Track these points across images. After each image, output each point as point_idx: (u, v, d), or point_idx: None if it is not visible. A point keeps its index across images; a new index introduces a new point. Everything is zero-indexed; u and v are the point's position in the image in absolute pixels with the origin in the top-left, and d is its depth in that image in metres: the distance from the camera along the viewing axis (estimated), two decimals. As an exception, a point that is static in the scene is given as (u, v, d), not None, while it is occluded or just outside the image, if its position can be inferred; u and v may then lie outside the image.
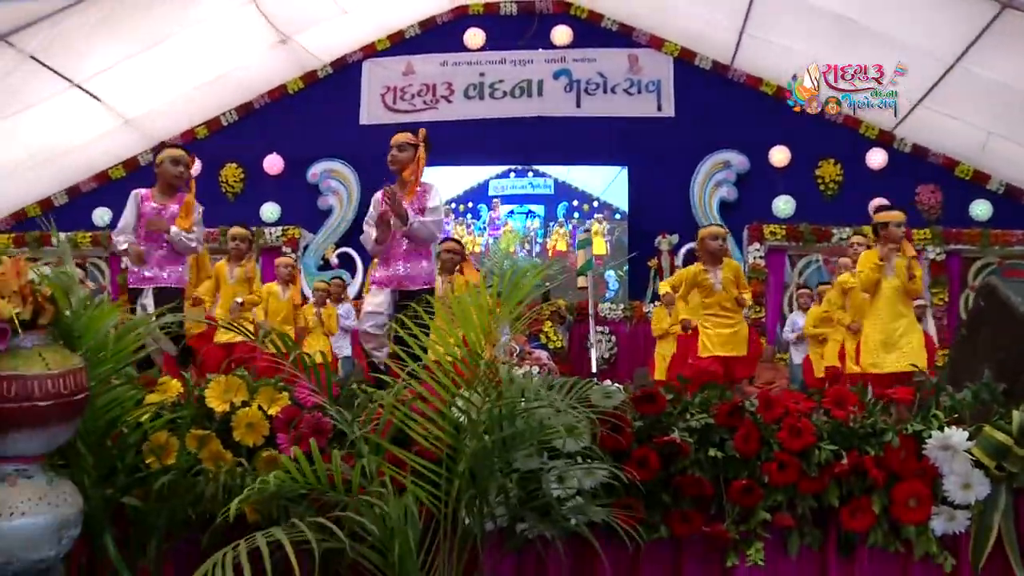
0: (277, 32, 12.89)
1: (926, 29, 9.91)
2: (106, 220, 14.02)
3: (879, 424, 2.71)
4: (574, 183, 13.76)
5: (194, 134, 14.33)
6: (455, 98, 14.39)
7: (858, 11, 10.56)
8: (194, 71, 12.83)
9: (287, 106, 14.43)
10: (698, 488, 2.60)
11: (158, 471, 2.53)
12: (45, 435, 2.16)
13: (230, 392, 2.69)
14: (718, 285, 6.89)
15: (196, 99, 13.67)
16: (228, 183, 14.30)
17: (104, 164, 14.26)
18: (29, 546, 2.11)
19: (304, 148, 14.01)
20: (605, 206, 13.60)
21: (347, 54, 14.43)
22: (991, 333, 3.24)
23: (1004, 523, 2.64)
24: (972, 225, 12.48)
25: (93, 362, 2.30)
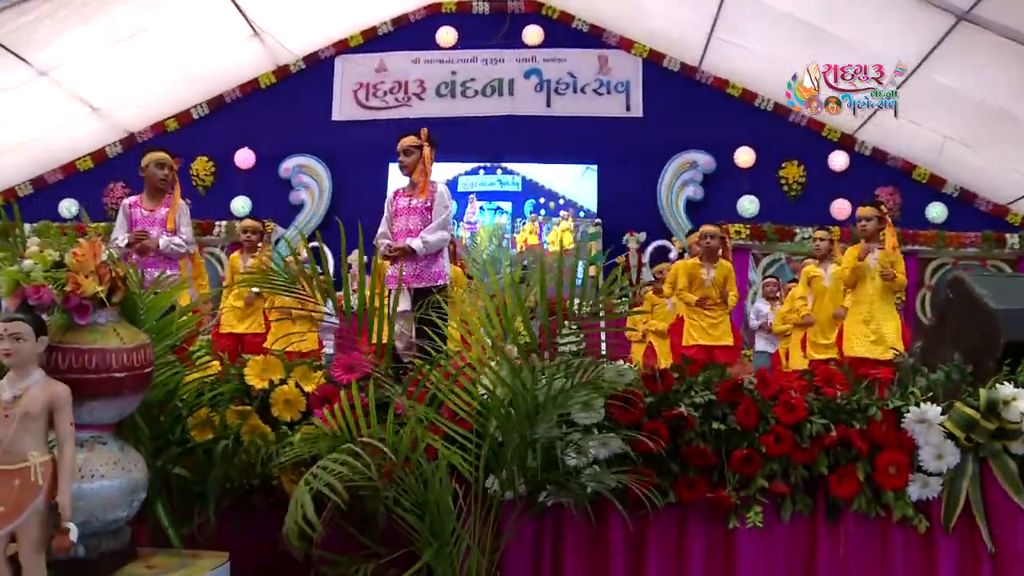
0: (250, 26, 12.87)
1: (888, 37, 10.23)
2: (72, 212, 14.00)
3: (863, 400, 3.00)
4: (541, 181, 13.99)
5: (164, 127, 14.28)
6: (427, 96, 14.50)
7: (823, 18, 10.87)
8: (165, 63, 12.73)
9: (259, 100, 14.42)
10: (703, 458, 2.86)
11: (203, 443, 2.72)
12: (119, 405, 2.34)
13: (268, 370, 2.89)
14: (708, 282, 7.27)
15: (167, 91, 13.59)
16: (199, 177, 14.24)
17: (71, 155, 14.15)
18: (106, 507, 2.29)
19: (276, 143, 14.02)
20: (571, 204, 13.85)
21: (319, 49, 14.45)
22: (958, 321, 3.53)
23: (971, 488, 2.92)
24: (928, 227, 12.87)
25: (153, 339, 2.49)
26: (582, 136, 13.86)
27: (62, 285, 2.15)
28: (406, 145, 5.34)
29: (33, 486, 2.07)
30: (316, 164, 14.14)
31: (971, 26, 9.68)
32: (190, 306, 2.76)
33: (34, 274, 2.12)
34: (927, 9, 9.84)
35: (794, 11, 11.10)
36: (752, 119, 13.57)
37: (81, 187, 14.24)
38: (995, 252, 12.78)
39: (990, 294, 3.37)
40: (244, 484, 2.76)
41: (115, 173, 14.34)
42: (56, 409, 2.11)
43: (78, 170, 14.30)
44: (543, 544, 2.91)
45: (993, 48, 9.73)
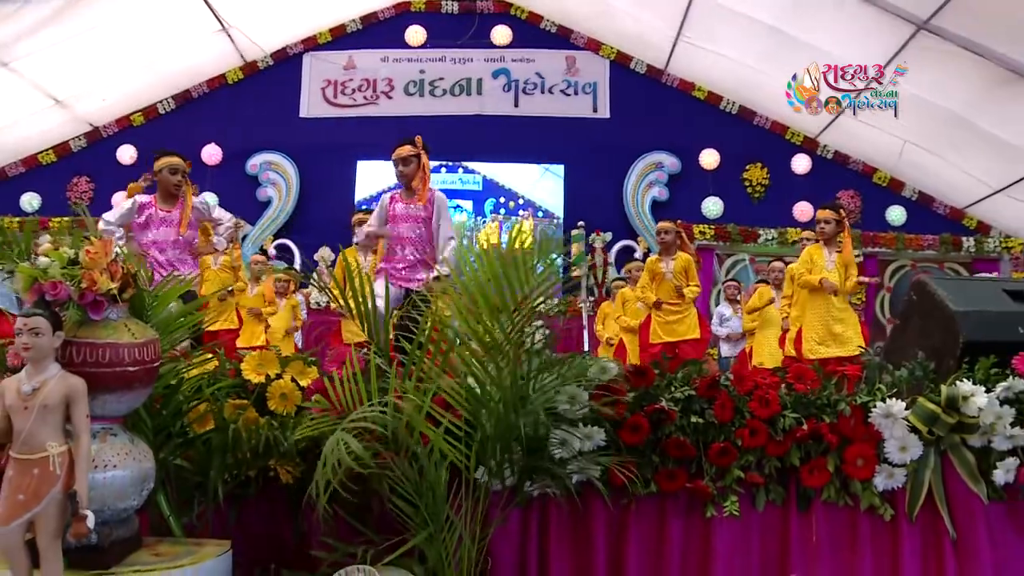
0: (218, 20, 12.85)
1: (850, 44, 10.45)
2: (35, 206, 13.91)
3: (833, 396, 3.16)
4: (501, 181, 14.15)
5: (130, 121, 14.23)
6: (395, 94, 14.56)
7: (788, 23, 11.08)
8: (131, 56, 12.66)
9: (226, 96, 14.39)
10: (682, 450, 3.00)
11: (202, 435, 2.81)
12: (129, 398, 2.42)
13: (264, 365, 2.99)
14: (669, 275, 7.47)
15: (132, 85, 13.53)
16: (164, 172, 14.19)
17: (33, 148, 14.01)
18: (118, 496, 2.37)
19: (243, 139, 14.00)
20: (530, 203, 14.01)
21: (288, 46, 14.45)
22: (921, 322, 3.71)
23: (934, 479, 3.09)
24: (888, 229, 13.21)
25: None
26: (549, 136, 14.00)
27: (78, 282, 2.23)
28: (404, 155, 5.33)
29: (51, 475, 2.15)
30: (284, 161, 14.15)
31: (930, 35, 9.96)
32: (195, 303, 2.85)
33: (51, 271, 2.20)
34: (888, 18, 10.10)
35: (760, 16, 11.32)
36: (717, 122, 13.81)
37: (43, 181, 14.13)
38: (952, 254, 13.16)
39: (951, 296, 3.55)
40: (241, 475, 2.85)
41: (78, 167, 14.28)
42: (73, 401, 2.19)
43: (40, 163, 14.16)
44: (529, 532, 3.03)
45: (951, 57, 10.01)
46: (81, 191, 14.18)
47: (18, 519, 2.13)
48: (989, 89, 10.26)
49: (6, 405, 2.18)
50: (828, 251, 6.74)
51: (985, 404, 3.09)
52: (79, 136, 14.19)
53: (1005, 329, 3.47)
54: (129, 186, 6.00)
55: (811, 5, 10.66)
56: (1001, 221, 13.10)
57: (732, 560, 3.04)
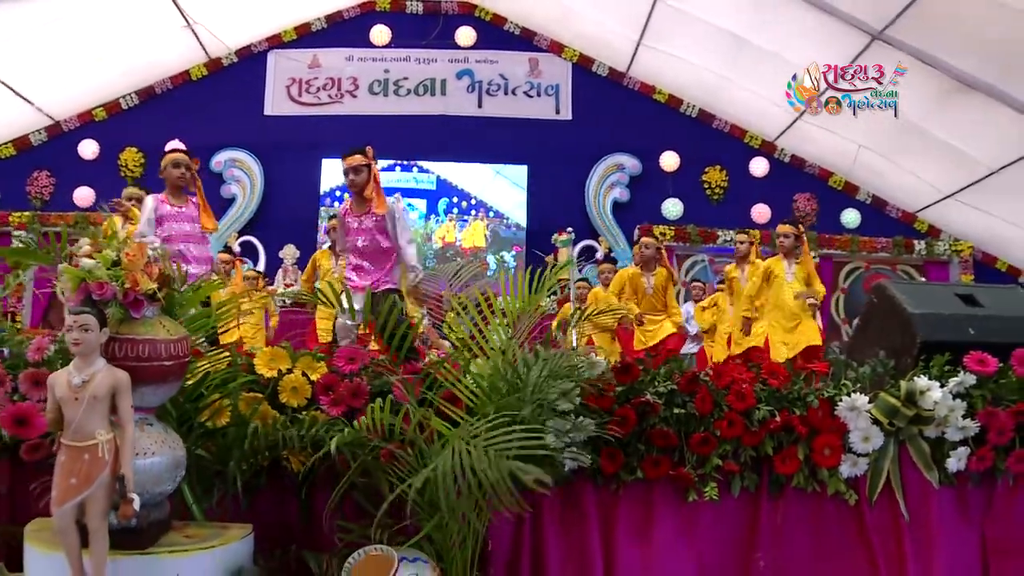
0: (183, 16, 12.86)
1: (807, 51, 10.75)
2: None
3: (803, 390, 3.42)
4: (455, 181, 14.38)
5: (92, 116, 14.22)
6: (360, 93, 14.71)
7: (747, 30, 11.47)
8: (94, 50, 12.64)
9: (190, 92, 14.42)
10: (666, 440, 3.24)
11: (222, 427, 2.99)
12: (164, 390, 2.60)
13: (276, 361, 3.17)
14: (650, 289, 7.79)
15: (95, 79, 13.51)
16: (127, 167, 14.19)
17: (-8, 141, 13.79)
18: (156, 481, 2.55)
19: (207, 136, 13.76)
20: (482, 204, 14.26)
21: (253, 43, 14.53)
22: (881, 323, 3.99)
23: (892, 467, 3.36)
24: (843, 232, 13.65)
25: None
26: (512, 137, 14.26)
27: (121, 282, 2.41)
28: (355, 164, 5.38)
29: (100, 461, 2.32)
30: (248, 158, 14.23)
31: (885, 45, 10.37)
32: (224, 302, 3.03)
33: (97, 272, 2.38)
34: (844, 28, 10.52)
35: (719, 23, 11.68)
36: (677, 124, 14.15)
37: (2, 174, 13.96)
38: (904, 257, 13.64)
39: (908, 299, 3.84)
40: (256, 465, 3.03)
41: (39, 161, 14.18)
42: (119, 393, 2.36)
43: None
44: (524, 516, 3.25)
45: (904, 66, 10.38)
46: (41, 185, 14.12)
47: (70, 501, 2.30)
48: (940, 98, 10.69)
49: (57, 396, 2.35)
50: (788, 263, 7.19)
51: (940, 398, 3.37)
52: (39, 130, 14.12)
53: (957, 330, 3.76)
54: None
55: (771, 14, 10.98)
56: (951, 225, 13.57)
57: (711, 541, 3.30)
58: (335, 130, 14.05)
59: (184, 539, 2.65)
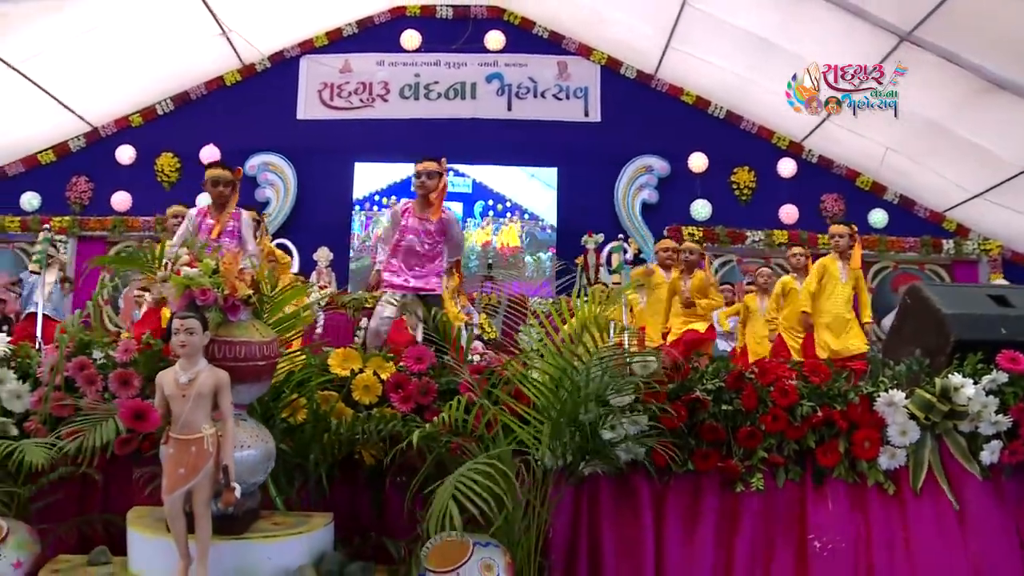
0: (218, 24, 13.10)
1: (835, 53, 10.66)
2: (35, 205, 14.08)
3: (843, 387, 3.62)
4: (490, 184, 14.49)
5: (128, 122, 14.43)
6: (391, 97, 14.82)
7: (774, 33, 11.52)
8: (131, 57, 12.88)
9: (224, 98, 14.60)
10: (714, 434, 3.46)
11: (301, 423, 3.22)
12: (256, 388, 2.83)
13: (348, 361, 3.39)
14: (686, 292, 7.98)
15: (132, 86, 13.77)
16: (164, 172, 14.41)
17: (33, 147, 14.16)
18: (251, 472, 2.78)
19: (241, 140, 14.17)
20: (517, 207, 14.37)
21: (285, 49, 14.69)
22: (916, 323, 4.17)
23: (933, 459, 3.55)
24: (871, 232, 13.57)
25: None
26: (542, 140, 14.33)
27: (221, 288, 2.63)
28: (429, 169, 5.59)
29: (206, 452, 2.55)
30: (281, 162, 14.37)
31: (913, 47, 10.44)
32: (307, 306, 3.26)
33: (200, 279, 2.60)
34: (873, 29, 10.57)
35: (747, 25, 11.74)
36: (705, 126, 14.20)
37: (43, 180, 14.27)
38: (932, 256, 13.64)
39: (942, 300, 4.02)
40: (332, 458, 3.26)
41: (78, 167, 14.41)
42: (220, 391, 2.59)
43: (40, 163, 14.31)
44: (581, 506, 3.47)
45: (932, 67, 10.47)
46: (80, 190, 14.34)
47: (179, 489, 2.53)
48: (968, 98, 10.73)
49: (166, 394, 2.58)
50: (841, 264, 7.38)
51: (973, 394, 3.56)
52: (78, 136, 14.34)
53: (989, 329, 3.94)
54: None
55: (798, 16, 11.04)
56: (980, 224, 13.55)
57: (757, 528, 3.50)
58: (367, 134, 14.27)
59: (272, 526, 2.88)
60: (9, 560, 2.83)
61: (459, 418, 3.05)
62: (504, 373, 3.29)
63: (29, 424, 3.43)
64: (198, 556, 2.56)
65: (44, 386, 3.45)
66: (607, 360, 3.19)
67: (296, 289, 3.23)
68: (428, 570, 2.79)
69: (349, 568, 2.85)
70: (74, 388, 3.49)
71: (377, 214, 14.27)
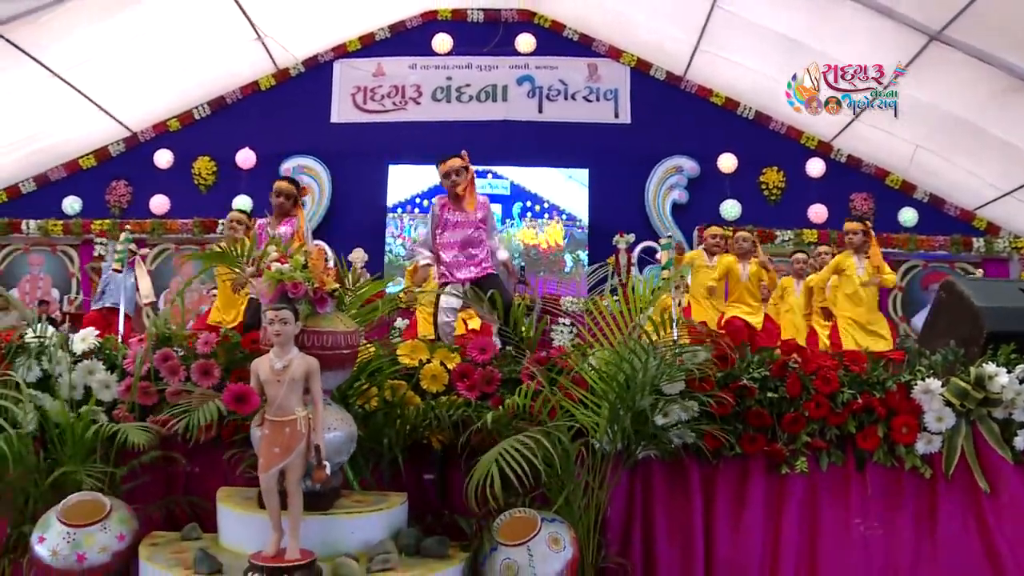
0: (254, 29, 13.41)
1: (863, 53, 10.87)
2: (76, 208, 14.44)
3: (882, 375, 3.81)
4: (528, 185, 14.65)
5: (166, 126, 14.76)
6: (423, 100, 15.04)
7: (803, 33, 11.64)
8: (169, 64, 13.24)
9: (259, 102, 14.90)
10: (760, 419, 3.67)
11: (375, 410, 3.47)
12: (339, 375, 3.07)
13: (416, 352, 3.63)
14: (744, 277, 8.18)
15: (169, 91, 14.11)
16: (200, 175, 14.73)
17: (75, 153, 14.52)
18: (337, 452, 3.01)
19: (276, 143, 14.50)
20: (555, 207, 14.54)
21: (319, 54, 14.96)
22: (950, 316, 4.36)
23: (966, 444, 3.74)
24: (900, 230, 13.72)
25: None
26: (573, 141, 14.52)
27: (310, 282, 2.87)
28: (456, 167, 5.76)
29: (299, 433, 2.77)
30: (316, 164, 14.62)
31: (942, 45, 10.56)
32: (389, 298, 3.52)
33: (293, 274, 2.84)
34: (902, 28, 10.69)
35: (776, 26, 11.89)
36: (734, 126, 14.36)
37: (84, 184, 14.63)
38: (962, 255, 13.69)
39: (976, 294, 4.21)
40: (404, 442, 3.50)
41: (117, 171, 14.74)
42: (311, 376, 2.81)
43: (81, 167, 14.67)
44: (635, 488, 3.69)
45: (962, 66, 10.61)
46: (120, 194, 14.66)
47: (275, 467, 2.76)
48: (997, 96, 10.83)
49: (261, 379, 2.81)
50: (858, 259, 7.55)
51: (1007, 382, 3.74)
52: (118, 141, 14.69)
53: (1022, 321, 4.12)
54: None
55: (827, 16, 11.17)
56: (1011, 222, 13.63)
57: (802, 509, 3.70)
58: (400, 136, 14.51)
59: (354, 504, 3.12)
60: (114, 533, 3.08)
61: (524, 403, 3.27)
62: (565, 364, 3.51)
63: (118, 412, 3.69)
64: (290, 529, 2.78)
65: (130, 376, 3.72)
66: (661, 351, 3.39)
67: (375, 283, 3.47)
68: (500, 543, 3.02)
69: (425, 542, 3.08)
70: (158, 378, 3.75)
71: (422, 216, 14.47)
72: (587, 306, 3.75)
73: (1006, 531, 3.68)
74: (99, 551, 3.05)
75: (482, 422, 3.19)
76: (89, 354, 3.86)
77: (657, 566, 3.63)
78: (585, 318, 3.63)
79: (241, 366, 3.61)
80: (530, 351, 3.77)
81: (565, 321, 13.06)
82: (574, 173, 14.53)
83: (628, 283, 3.70)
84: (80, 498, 3.18)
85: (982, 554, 3.68)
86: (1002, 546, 3.65)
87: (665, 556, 3.64)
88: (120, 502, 3.23)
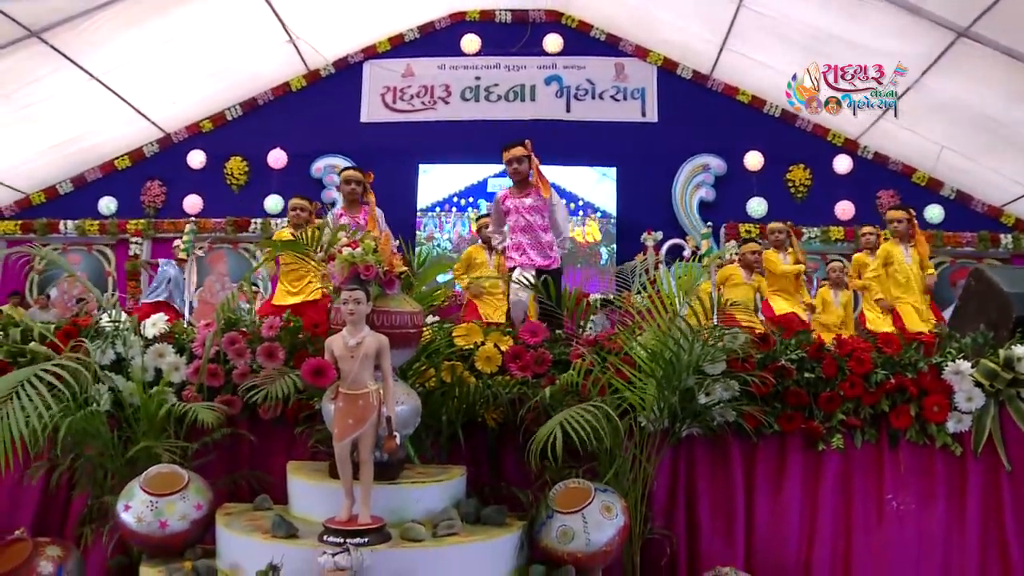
0: (285, 31, 13.65)
1: (890, 51, 10.84)
2: (112, 209, 14.74)
3: (914, 357, 3.99)
4: (562, 184, 14.66)
5: (199, 127, 15.05)
6: (452, 100, 15.25)
7: (829, 31, 11.70)
8: (203, 66, 13.53)
9: (290, 103, 15.16)
10: (798, 399, 3.86)
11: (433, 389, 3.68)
12: (405, 353, 3.28)
13: (471, 334, 3.84)
14: (785, 262, 8.50)
15: (202, 93, 14.40)
16: (233, 175, 14.99)
17: (110, 154, 14.83)
18: (404, 424, 3.22)
19: (307, 144, 14.73)
20: (589, 205, 14.71)
21: (349, 54, 15.20)
22: (979, 301, 4.53)
23: (993, 424, 3.91)
24: (927, 227, 13.56)
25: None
26: (601, 140, 14.69)
27: (381, 265, 3.09)
28: (519, 155, 5.85)
29: (371, 406, 2.98)
30: (346, 164, 14.76)
31: (969, 42, 10.63)
32: (450, 281, 3.75)
33: (365, 257, 3.06)
34: (929, 25, 10.77)
35: (802, 25, 11.98)
36: (761, 124, 14.48)
37: (119, 185, 14.92)
38: (990, 251, 13.75)
39: (1004, 281, 4.39)
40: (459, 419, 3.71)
41: (152, 171, 15.02)
42: (381, 353, 3.02)
43: (116, 168, 14.98)
44: (679, 463, 3.89)
45: (989, 63, 10.66)
46: (154, 194, 14.92)
47: (348, 437, 2.96)
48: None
49: (336, 355, 3.02)
50: (904, 247, 7.69)
51: (1035, 364, 3.91)
52: (152, 142, 14.98)
53: (1049, 307, 4.30)
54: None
55: (854, 15, 11.26)
56: (1040, 219, 13.64)
57: (838, 484, 3.89)
58: (429, 136, 14.71)
59: (418, 475, 3.33)
60: (192, 503, 3.31)
61: (577, 380, 3.48)
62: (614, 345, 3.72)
63: (187, 392, 3.93)
64: (361, 497, 2.98)
65: (198, 359, 3.95)
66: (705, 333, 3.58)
67: (440, 265, 3.70)
68: (556, 511, 3.22)
69: (485, 511, 3.29)
70: (225, 361, 3.98)
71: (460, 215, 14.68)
72: (636, 289, 3.93)
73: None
74: (179, 519, 3.28)
75: (540, 396, 3.40)
76: (160, 338, 4.09)
77: (700, 537, 3.83)
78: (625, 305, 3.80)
79: (303, 348, 3.84)
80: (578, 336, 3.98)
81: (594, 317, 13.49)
82: (607, 172, 14.68)
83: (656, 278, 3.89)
84: (159, 470, 3.41)
85: (1015, 531, 3.85)
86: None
87: (707, 528, 3.84)
88: (196, 475, 3.46)
